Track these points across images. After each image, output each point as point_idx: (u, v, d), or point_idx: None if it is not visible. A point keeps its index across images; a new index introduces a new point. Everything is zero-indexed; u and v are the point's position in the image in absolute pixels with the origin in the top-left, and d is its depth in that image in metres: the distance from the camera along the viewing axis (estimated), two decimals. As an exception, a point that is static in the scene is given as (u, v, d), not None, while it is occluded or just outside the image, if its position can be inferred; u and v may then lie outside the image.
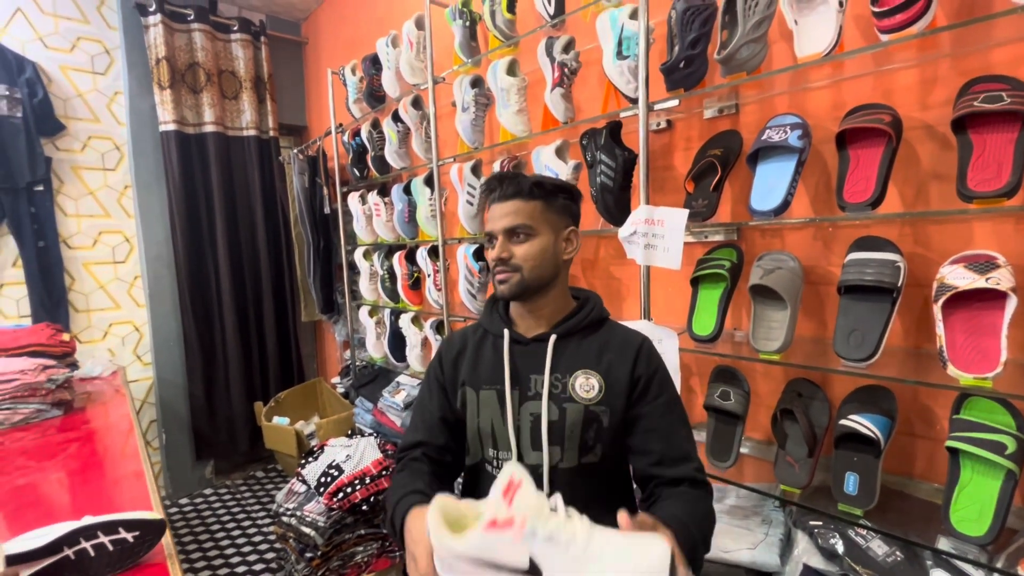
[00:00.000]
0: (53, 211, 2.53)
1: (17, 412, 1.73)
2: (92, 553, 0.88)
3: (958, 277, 0.87)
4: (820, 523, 1.03)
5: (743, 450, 1.26)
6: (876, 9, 0.90)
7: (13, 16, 2.44)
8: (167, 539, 0.99)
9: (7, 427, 1.70)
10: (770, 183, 1.08)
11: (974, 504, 0.86)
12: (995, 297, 0.85)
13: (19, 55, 2.42)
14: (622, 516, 0.62)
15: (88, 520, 0.90)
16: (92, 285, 2.69)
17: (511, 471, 0.58)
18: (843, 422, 1.00)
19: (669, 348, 1.19)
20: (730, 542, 1.12)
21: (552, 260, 0.90)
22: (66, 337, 2.03)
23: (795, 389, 1.17)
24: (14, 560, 0.80)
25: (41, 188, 2.48)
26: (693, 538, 0.72)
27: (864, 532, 0.99)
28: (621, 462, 0.93)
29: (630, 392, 0.86)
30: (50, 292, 2.51)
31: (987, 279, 0.84)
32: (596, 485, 0.88)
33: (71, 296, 2.61)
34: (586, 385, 0.87)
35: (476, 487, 0.95)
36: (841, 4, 0.95)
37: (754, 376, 1.30)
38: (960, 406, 0.93)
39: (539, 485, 0.84)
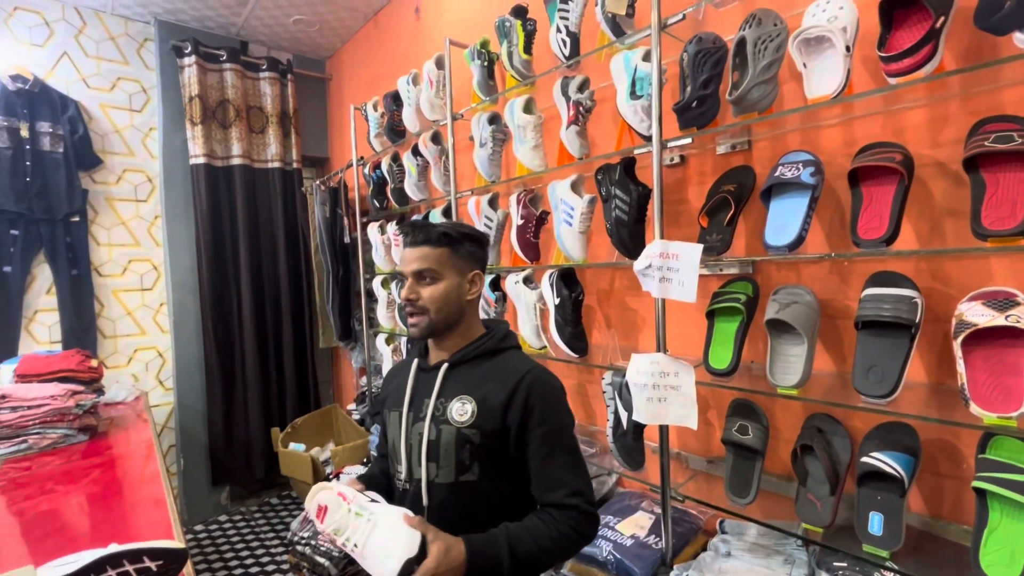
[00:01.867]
0: (87, 240, 2.64)
1: (46, 437, 1.78)
2: (117, 581, 0.89)
3: (977, 314, 0.87)
4: (845, 564, 1.01)
5: (762, 487, 1.24)
6: (883, 54, 0.93)
7: (60, 59, 2.61)
8: (188, 569, 1.00)
9: (35, 451, 1.75)
10: (784, 218, 1.10)
11: (1005, 547, 0.84)
12: (1016, 335, 0.84)
13: (63, 95, 2.57)
14: (406, 516, 0.84)
15: (114, 548, 0.92)
16: (120, 311, 2.78)
17: (318, 498, 0.87)
18: (865, 460, 0.98)
19: (685, 381, 1.19)
20: (753, 582, 1.09)
21: (456, 301, 1.00)
22: (94, 363, 2.10)
23: (815, 424, 1.15)
24: (45, 587, 0.82)
25: (77, 219, 2.60)
26: (496, 546, 0.85)
27: (891, 575, 0.96)
28: (504, 483, 0.98)
29: (504, 419, 0.93)
30: (80, 318, 2.60)
31: (1007, 317, 0.83)
32: (473, 502, 0.96)
33: (99, 322, 2.70)
34: (461, 409, 0.96)
35: (392, 496, 1.07)
36: (848, 49, 0.98)
37: (772, 410, 1.29)
38: (986, 445, 0.91)
39: (420, 497, 0.97)
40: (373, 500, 0.91)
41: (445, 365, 1.01)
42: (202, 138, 2.83)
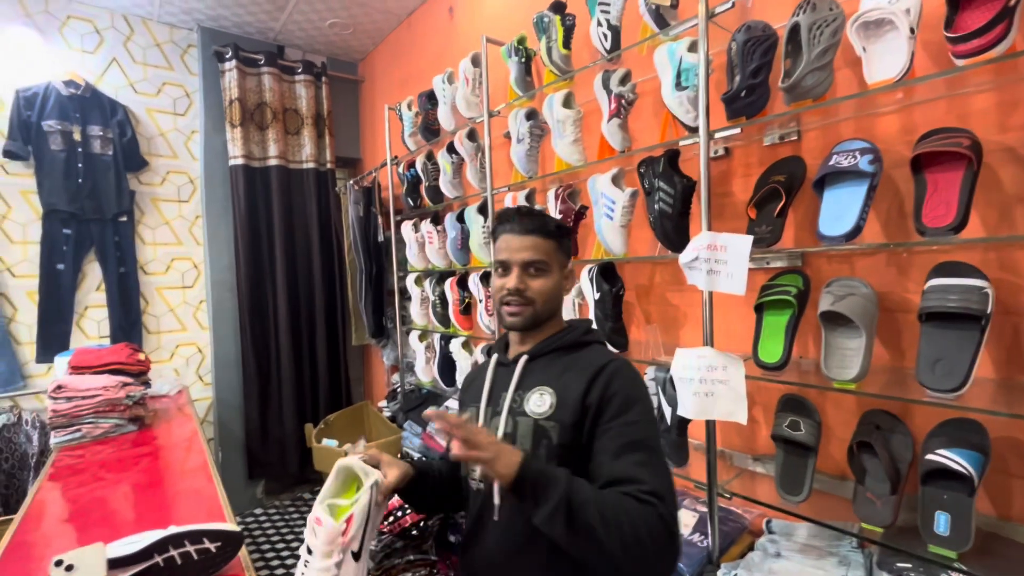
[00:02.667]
0: (134, 240, 2.74)
1: (98, 426, 1.84)
2: (179, 561, 0.92)
3: (1056, 304, 0.83)
4: (909, 565, 0.97)
5: (814, 485, 1.20)
6: (951, 35, 0.89)
7: (109, 65, 2.72)
8: (243, 552, 1.03)
9: (89, 440, 1.82)
10: (840, 208, 1.07)
11: (1088, 551, 0.80)
12: (1100, 325, 0.80)
13: (112, 99, 2.68)
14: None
15: (174, 529, 0.95)
16: (163, 308, 2.87)
17: (315, 517, 0.83)
18: (931, 457, 0.94)
19: (734, 375, 1.17)
20: (809, 583, 1.06)
21: (558, 296, 0.98)
22: (142, 356, 2.17)
23: (872, 421, 1.12)
24: (113, 564, 0.85)
25: (125, 219, 2.70)
26: (553, 476, 0.75)
27: (959, 577, 0.92)
28: None
29: (582, 410, 0.86)
30: (127, 314, 2.70)
31: (1090, 306, 0.79)
32: None
33: (144, 319, 2.79)
34: (539, 401, 0.90)
35: (466, 498, 1.02)
36: (912, 31, 0.95)
37: (823, 406, 1.25)
38: (1064, 442, 0.87)
39: (491, 496, 0.92)
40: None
41: (524, 357, 0.97)
42: (241, 140, 2.91)
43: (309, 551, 0.82)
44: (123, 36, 2.75)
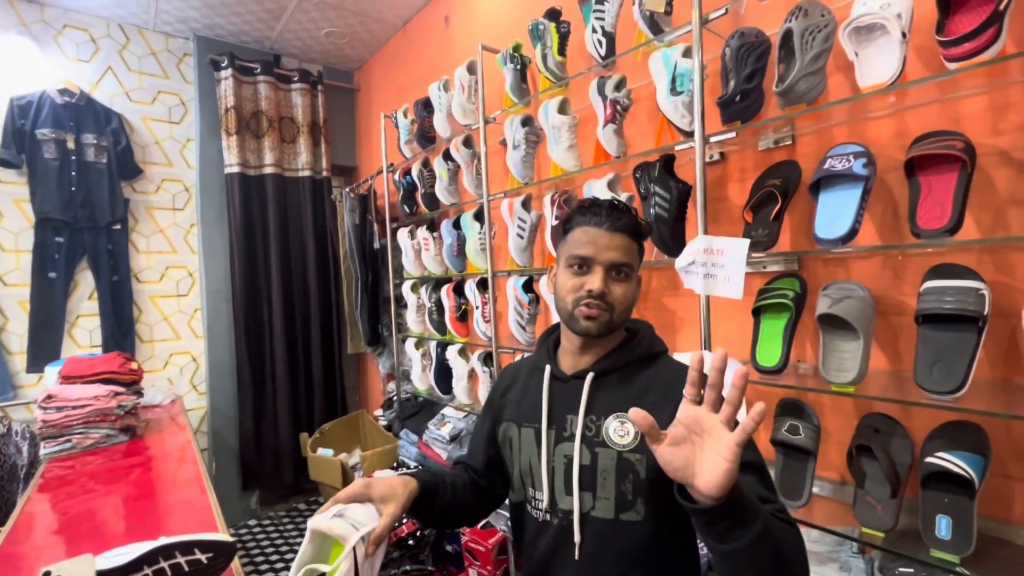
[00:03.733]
0: (127, 248, 2.72)
1: (89, 436, 1.82)
2: (169, 573, 0.90)
3: (1052, 305, 0.83)
4: (911, 570, 0.96)
5: (814, 490, 1.19)
6: (942, 38, 0.90)
7: (104, 74, 2.71)
8: (236, 564, 1.01)
9: (79, 451, 1.79)
10: (835, 211, 1.07)
11: (1091, 553, 0.79)
12: (1096, 326, 0.80)
13: (107, 107, 2.67)
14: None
15: (164, 540, 0.93)
16: (157, 317, 2.85)
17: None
18: (931, 460, 0.94)
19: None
20: (808, 590, 1.05)
21: (632, 307, 0.86)
22: (135, 365, 2.14)
23: (871, 424, 1.11)
24: (102, 575, 0.83)
25: (119, 227, 2.68)
26: (754, 505, 0.61)
27: (962, 581, 0.91)
28: (673, 527, 0.79)
29: None
30: (120, 323, 2.67)
31: (1086, 307, 0.79)
32: (635, 546, 0.78)
33: (137, 327, 2.77)
34: (620, 430, 0.80)
35: (520, 526, 0.92)
36: (904, 36, 0.96)
37: (821, 411, 1.24)
38: (1064, 444, 0.86)
39: (570, 533, 0.81)
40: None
41: (591, 375, 0.85)
42: (236, 148, 2.90)
43: None
44: (119, 45, 2.75)
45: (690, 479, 0.60)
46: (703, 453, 0.60)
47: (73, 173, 2.55)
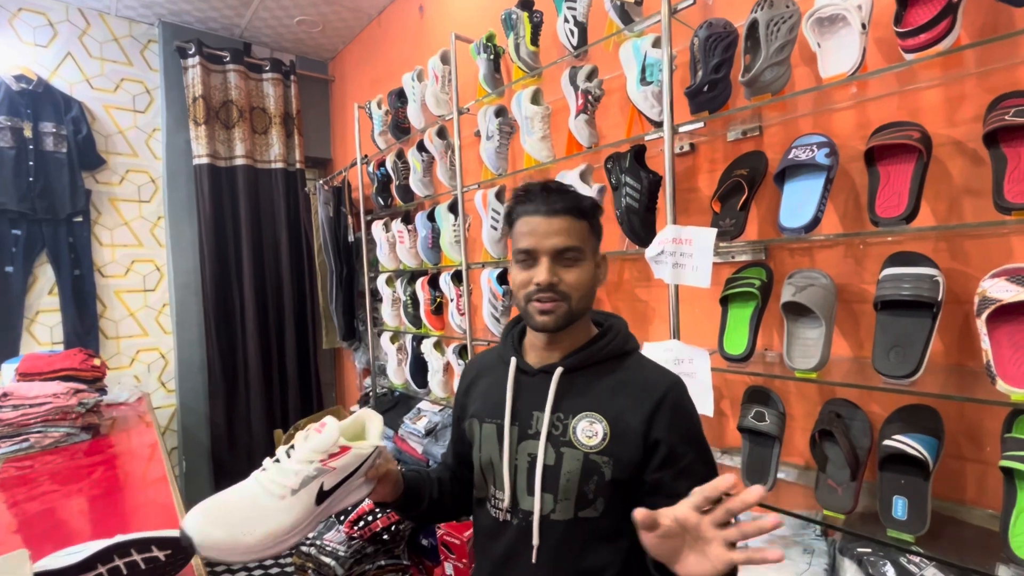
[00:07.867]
0: (90, 241, 2.63)
1: (47, 436, 1.75)
2: (124, 571, 0.87)
3: (1001, 290, 0.85)
4: (869, 550, 0.99)
5: (779, 475, 1.22)
6: (900, 29, 0.92)
7: (63, 60, 2.61)
8: (196, 561, 0.98)
9: (37, 450, 1.72)
10: (799, 201, 1.09)
11: (1035, 528, 0.82)
12: (1042, 310, 0.83)
13: (67, 95, 2.57)
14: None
15: (120, 538, 0.90)
16: (122, 312, 2.76)
17: (322, 422, 0.76)
18: (888, 443, 0.96)
19: (700, 368, 1.18)
20: (772, 574, 1.07)
21: (593, 289, 0.81)
22: (97, 362, 2.07)
23: (833, 410, 1.13)
24: (52, 575, 0.80)
25: (80, 219, 2.58)
26: None
27: (917, 560, 0.94)
28: (627, 522, 0.74)
29: (645, 449, 0.75)
30: (82, 319, 2.58)
31: (1032, 291, 0.82)
32: (591, 540, 0.78)
33: (102, 323, 2.68)
34: (589, 430, 0.77)
35: (479, 523, 0.89)
36: (864, 27, 0.97)
37: (787, 398, 1.27)
38: (1012, 424, 0.89)
39: (530, 535, 0.78)
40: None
41: (559, 370, 0.81)
42: (205, 139, 2.82)
43: (286, 455, 0.77)
44: (79, 30, 2.64)
45: (671, 566, 0.62)
46: (692, 550, 0.60)
47: (31, 163, 2.45)
